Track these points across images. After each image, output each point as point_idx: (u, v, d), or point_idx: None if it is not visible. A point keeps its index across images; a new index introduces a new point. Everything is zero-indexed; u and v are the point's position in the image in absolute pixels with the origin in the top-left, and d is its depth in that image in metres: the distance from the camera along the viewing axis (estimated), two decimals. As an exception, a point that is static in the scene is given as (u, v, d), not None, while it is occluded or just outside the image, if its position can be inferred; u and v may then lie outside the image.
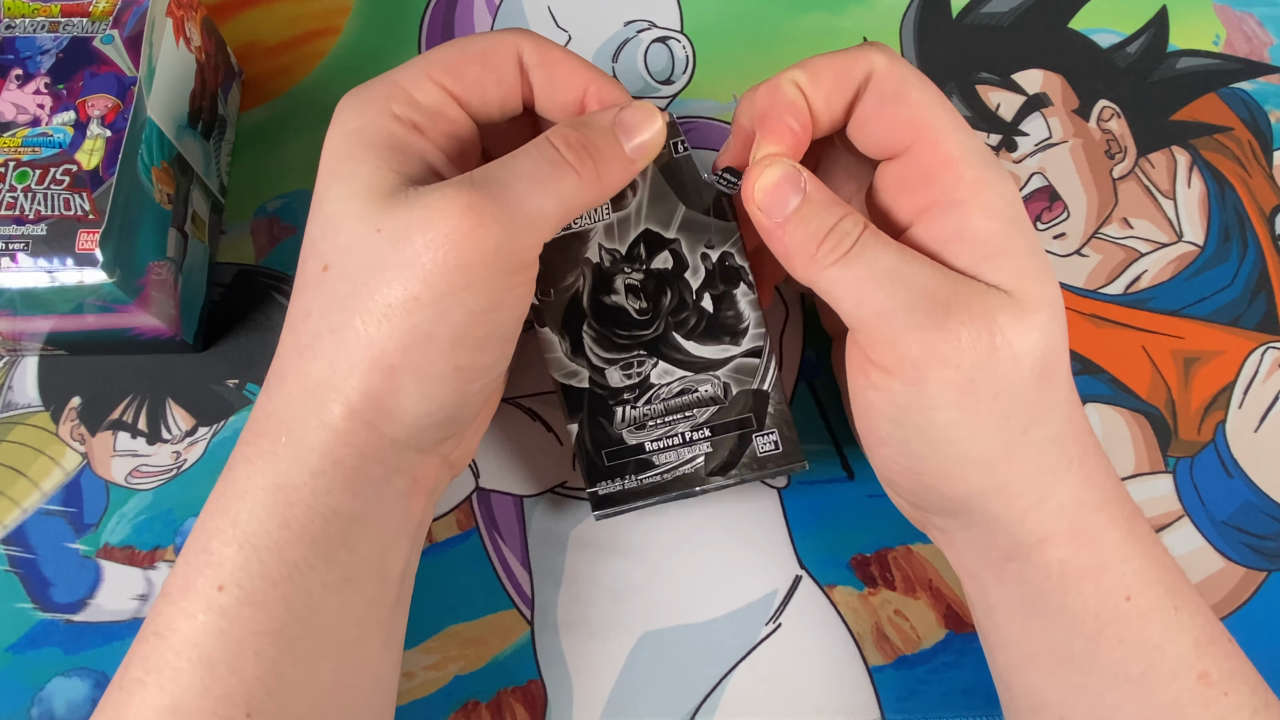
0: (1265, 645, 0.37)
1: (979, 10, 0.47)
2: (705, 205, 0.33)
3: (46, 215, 0.33)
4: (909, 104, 0.30)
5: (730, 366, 0.34)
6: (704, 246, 0.34)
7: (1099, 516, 0.29)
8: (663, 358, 0.34)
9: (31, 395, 0.40)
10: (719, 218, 0.34)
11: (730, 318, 0.34)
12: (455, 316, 0.27)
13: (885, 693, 0.36)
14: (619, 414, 0.34)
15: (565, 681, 0.36)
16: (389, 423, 0.28)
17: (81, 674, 0.36)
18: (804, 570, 0.38)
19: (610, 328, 0.34)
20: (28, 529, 0.38)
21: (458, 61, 0.30)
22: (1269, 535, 0.38)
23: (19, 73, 0.35)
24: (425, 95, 0.30)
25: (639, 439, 0.34)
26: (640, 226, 0.34)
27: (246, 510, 0.27)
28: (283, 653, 0.27)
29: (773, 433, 0.34)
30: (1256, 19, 0.46)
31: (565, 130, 0.29)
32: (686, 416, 0.34)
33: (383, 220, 0.27)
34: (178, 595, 0.27)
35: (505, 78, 0.31)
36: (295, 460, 0.27)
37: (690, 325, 0.34)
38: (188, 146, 0.39)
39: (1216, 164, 0.44)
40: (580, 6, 0.46)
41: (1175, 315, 0.41)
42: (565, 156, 0.29)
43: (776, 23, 0.46)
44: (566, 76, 0.31)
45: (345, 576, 0.28)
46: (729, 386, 0.34)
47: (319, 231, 0.29)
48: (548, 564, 0.38)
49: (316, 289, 0.28)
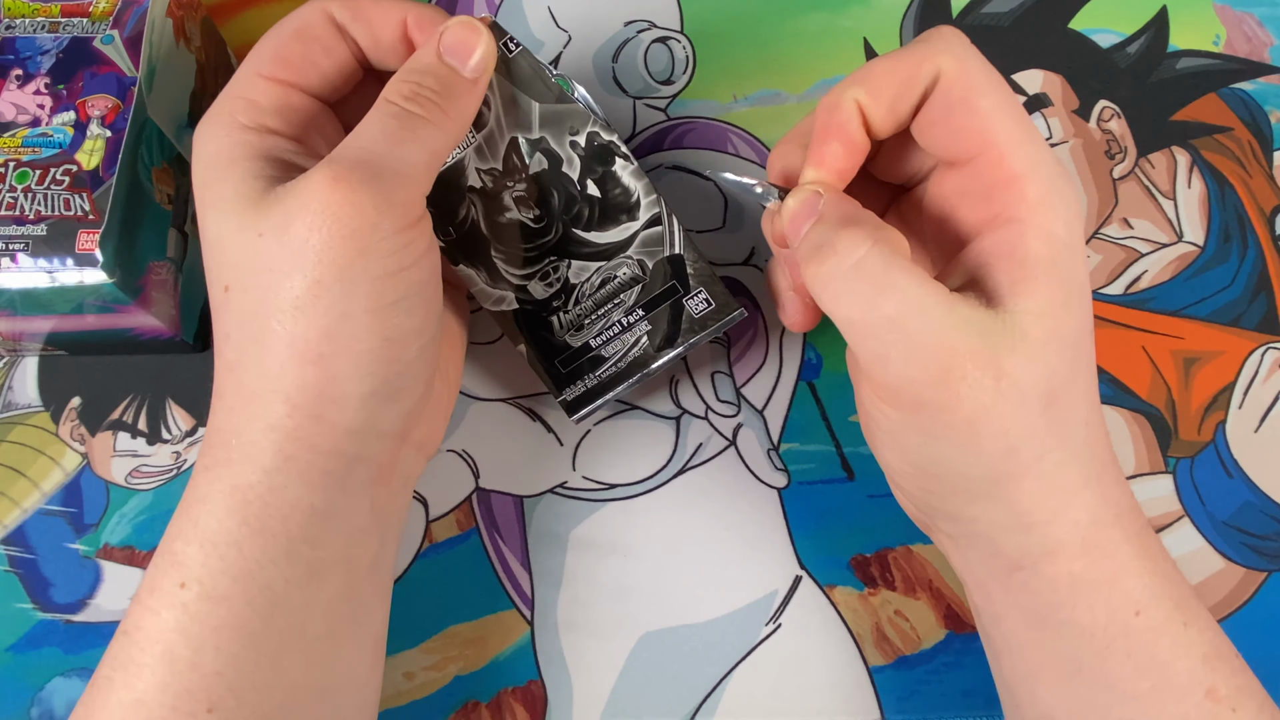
0: (1265, 645, 0.37)
1: (979, 10, 0.47)
2: (555, 94, 0.33)
3: (46, 215, 0.33)
4: (976, 113, 0.28)
5: (637, 243, 0.34)
6: (569, 135, 0.33)
7: (1112, 532, 0.29)
8: (573, 256, 0.34)
9: (31, 395, 0.40)
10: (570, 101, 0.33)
11: (619, 194, 0.34)
12: (363, 288, 0.27)
13: (885, 693, 0.36)
14: (555, 322, 0.35)
15: (565, 681, 0.36)
16: (335, 411, 0.28)
17: (81, 674, 0.36)
18: (804, 570, 0.38)
19: (514, 245, 0.34)
20: (28, 529, 0.38)
21: (278, 49, 0.30)
22: (1269, 535, 0.38)
23: (19, 73, 0.35)
24: (263, 95, 0.30)
25: (582, 339, 0.35)
26: (506, 137, 0.33)
27: (206, 512, 0.27)
28: (244, 648, 0.27)
29: (700, 291, 0.35)
30: (1256, 19, 0.46)
31: (398, 83, 0.29)
32: (616, 304, 0.35)
33: (261, 223, 0.27)
34: (144, 595, 0.27)
35: (330, 45, 0.31)
36: (248, 460, 0.27)
37: (585, 216, 0.34)
38: (188, 146, 0.39)
39: (1217, 164, 0.44)
40: (580, 7, 0.46)
41: (1175, 315, 0.41)
42: (408, 109, 0.29)
43: (776, 23, 0.46)
44: (381, 18, 0.31)
45: (309, 571, 0.28)
46: (643, 262, 0.35)
47: (209, 258, 0.29)
48: (548, 564, 0.38)
49: (225, 310, 0.28)
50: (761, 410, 0.40)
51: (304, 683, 0.28)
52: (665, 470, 0.39)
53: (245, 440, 0.28)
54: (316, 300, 0.27)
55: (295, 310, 0.27)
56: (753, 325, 0.41)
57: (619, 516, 0.38)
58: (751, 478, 0.39)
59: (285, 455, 0.27)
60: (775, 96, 0.45)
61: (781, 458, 0.39)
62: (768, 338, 0.41)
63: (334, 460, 0.28)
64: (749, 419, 0.40)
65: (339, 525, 0.29)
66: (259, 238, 0.27)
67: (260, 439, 0.27)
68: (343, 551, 0.29)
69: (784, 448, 0.39)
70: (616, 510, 0.39)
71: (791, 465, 0.39)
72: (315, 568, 0.28)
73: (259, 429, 0.28)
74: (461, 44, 0.30)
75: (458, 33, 0.30)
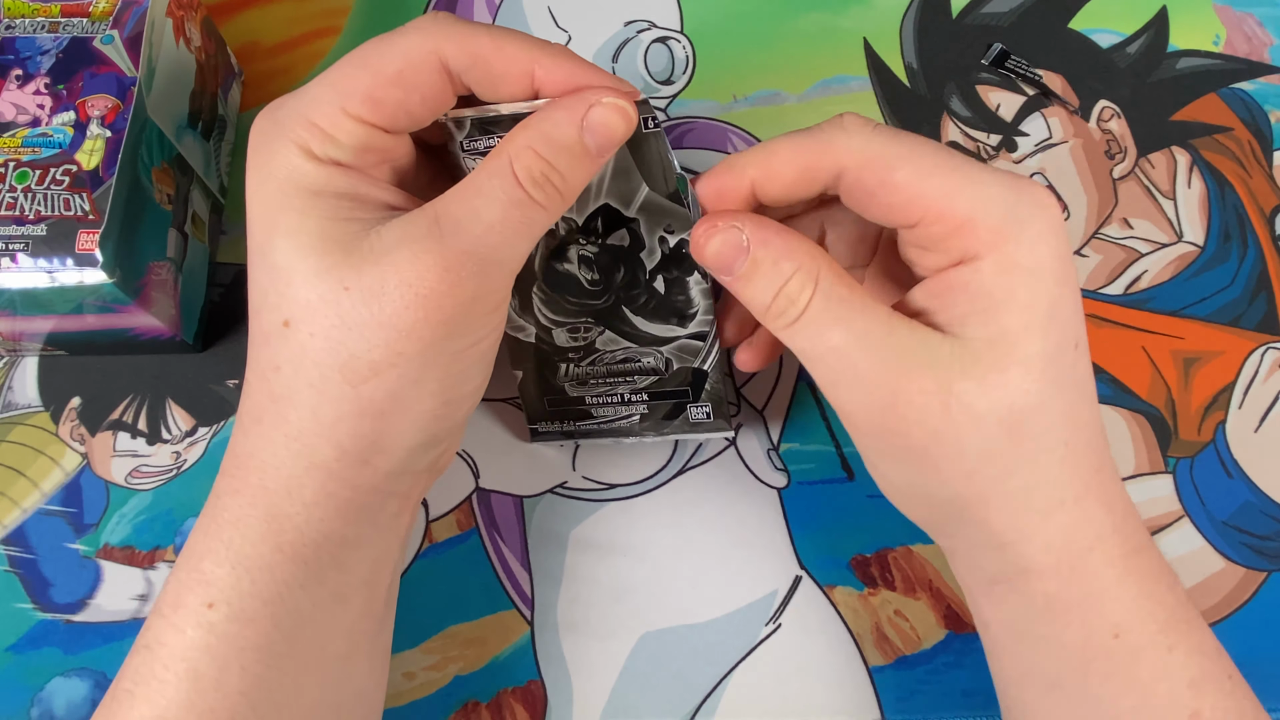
0: (1265, 645, 0.37)
1: (979, 10, 0.47)
2: (669, 190, 0.31)
3: (46, 215, 0.33)
4: (897, 188, 0.27)
5: (674, 345, 0.34)
6: (663, 230, 0.32)
7: (1091, 556, 0.28)
8: (610, 327, 0.34)
9: (31, 395, 0.40)
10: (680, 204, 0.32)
11: (680, 302, 0.34)
12: (441, 361, 0.27)
13: (885, 693, 0.36)
14: (563, 369, 0.35)
15: (565, 682, 0.36)
16: (382, 458, 0.28)
17: (81, 674, 0.36)
18: (804, 570, 0.38)
19: (561, 294, 0.34)
20: (28, 529, 0.38)
21: (373, 89, 0.27)
22: (1269, 535, 0.38)
23: (19, 73, 0.35)
24: (345, 134, 0.27)
25: (581, 393, 0.35)
26: (599, 200, 0.32)
27: (240, 535, 0.27)
28: (269, 668, 0.27)
29: (706, 405, 0.35)
30: (1256, 19, 0.46)
31: (529, 156, 0.27)
32: (627, 381, 0.35)
33: (349, 277, 0.26)
34: (168, 611, 0.27)
35: (430, 92, 0.28)
36: (288, 494, 0.27)
37: (640, 302, 0.34)
38: (188, 146, 0.39)
39: (1216, 164, 0.44)
40: (580, 6, 0.46)
41: (1175, 315, 0.41)
42: (533, 195, 0.27)
43: (776, 23, 0.46)
44: (505, 67, 0.27)
45: (335, 594, 0.28)
46: (670, 361, 0.35)
47: (269, 283, 0.27)
48: (548, 564, 0.38)
49: (282, 343, 0.27)
50: (761, 410, 0.40)
51: (321, 700, 0.28)
52: (665, 470, 0.39)
53: (286, 474, 0.27)
54: (393, 368, 0.27)
55: (370, 372, 0.26)
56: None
57: (619, 516, 0.38)
58: (751, 478, 0.39)
59: (327, 492, 0.27)
60: (775, 96, 0.45)
61: (781, 458, 0.39)
62: (768, 338, 0.41)
63: (370, 497, 0.28)
64: (749, 419, 0.40)
65: (366, 553, 0.29)
66: (344, 291, 0.26)
67: (304, 476, 0.27)
68: (367, 575, 0.29)
69: (784, 448, 0.39)
70: (616, 510, 0.39)
71: (791, 465, 0.39)
72: (340, 591, 0.28)
73: (302, 466, 0.27)
74: (607, 129, 0.27)
75: (608, 115, 0.27)
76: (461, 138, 0.29)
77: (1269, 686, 0.36)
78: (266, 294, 0.27)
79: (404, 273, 0.26)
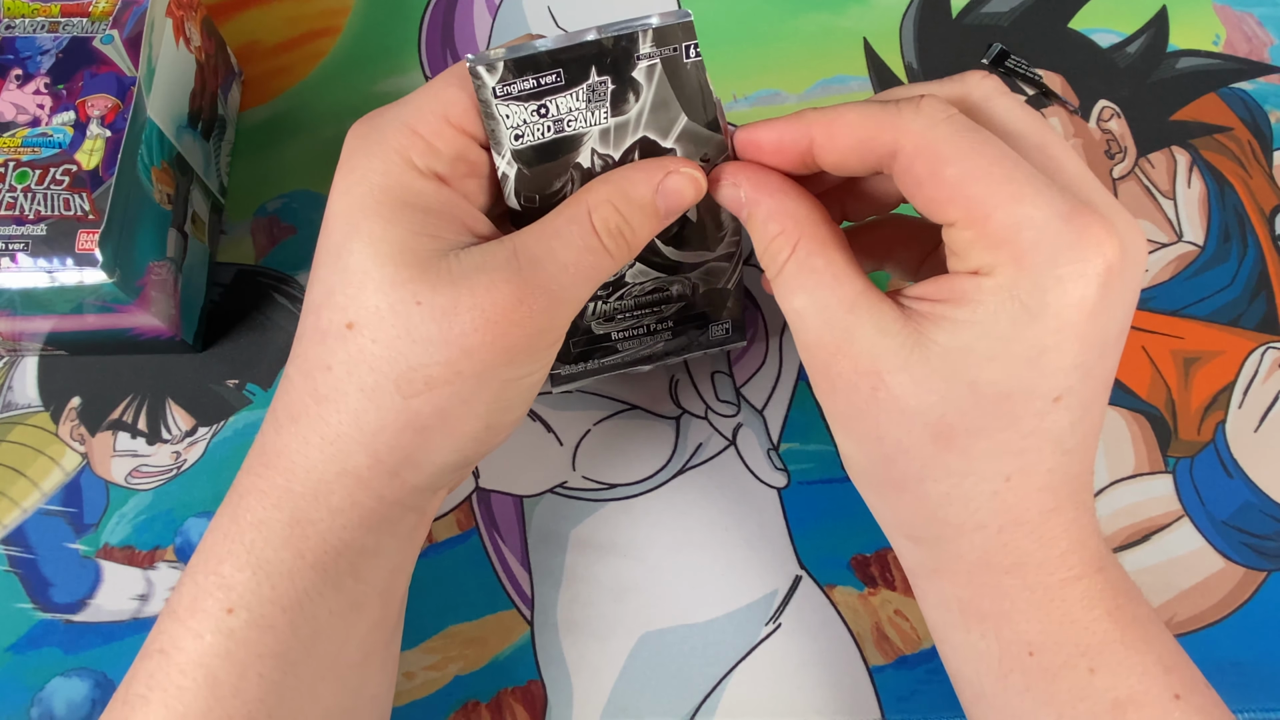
0: (1265, 645, 0.37)
1: (979, 10, 0.47)
2: (708, 119, 0.31)
3: (46, 215, 0.33)
4: (944, 184, 0.26)
5: (702, 269, 0.34)
6: (701, 160, 0.31)
7: (1005, 579, 0.28)
8: (641, 259, 0.34)
9: (31, 395, 0.40)
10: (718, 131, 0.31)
11: (712, 226, 0.34)
12: (494, 386, 0.28)
13: (885, 693, 0.36)
14: (590, 308, 0.34)
15: (565, 681, 0.36)
16: (412, 471, 0.28)
17: (81, 674, 0.36)
18: (804, 570, 0.38)
19: None
20: (28, 529, 0.38)
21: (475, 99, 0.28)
22: (1269, 535, 0.38)
23: (19, 73, 0.35)
24: (446, 144, 0.28)
25: (606, 329, 0.35)
26: (638, 134, 0.31)
27: (262, 539, 0.27)
28: (286, 675, 0.27)
29: (727, 322, 0.37)
30: (1256, 19, 0.46)
31: (608, 209, 0.28)
32: (654, 311, 0.35)
33: (422, 293, 0.27)
34: (185, 615, 0.27)
35: None
36: (315, 499, 0.27)
37: (673, 232, 0.33)
38: (188, 146, 0.39)
39: (1216, 164, 0.44)
40: (580, 6, 0.46)
41: (1175, 315, 0.41)
42: (605, 244, 0.28)
43: (776, 23, 0.46)
44: None
45: (352, 603, 0.28)
46: (697, 286, 0.35)
47: (339, 283, 0.27)
48: (548, 564, 0.38)
49: (339, 344, 0.27)
50: (761, 410, 0.40)
51: (335, 706, 0.29)
52: (665, 470, 0.39)
53: (316, 478, 0.27)
54: (447, 385, 0.27)
55: (425, 386, 0.27)
56: (753, 325, 0.41)
57: (619, 516, 0.38)
58: (751, 478, 0.39)
59: (353, 500, 0.28)
60: (775, 96, 0.45)
61: (781, 458, 0.39)
62: (768, 338, 0.41)
63: (393, 509, 0.29)
64: (749, 419, 0.40)
65: (383, 563, 0.29)
66: (415, 305, 0.27)
67: (334, 481, 0.27)
68: (383, 586, 0.29)
69: (784, 448, 0.39)
70: (616, 510, 0.39)
71: (791, 465, 0.39)
72: (357, 600, 0.28)
73: (334, 471, 0.27)
74: (678, 195, 0.29)
75: (681, 183, 0.29)
76: (494, 83, 0.28)
77: (1269, 686, 0.36)
78: (333, 294, 0.27)
79: (478, 296, 0.26)
